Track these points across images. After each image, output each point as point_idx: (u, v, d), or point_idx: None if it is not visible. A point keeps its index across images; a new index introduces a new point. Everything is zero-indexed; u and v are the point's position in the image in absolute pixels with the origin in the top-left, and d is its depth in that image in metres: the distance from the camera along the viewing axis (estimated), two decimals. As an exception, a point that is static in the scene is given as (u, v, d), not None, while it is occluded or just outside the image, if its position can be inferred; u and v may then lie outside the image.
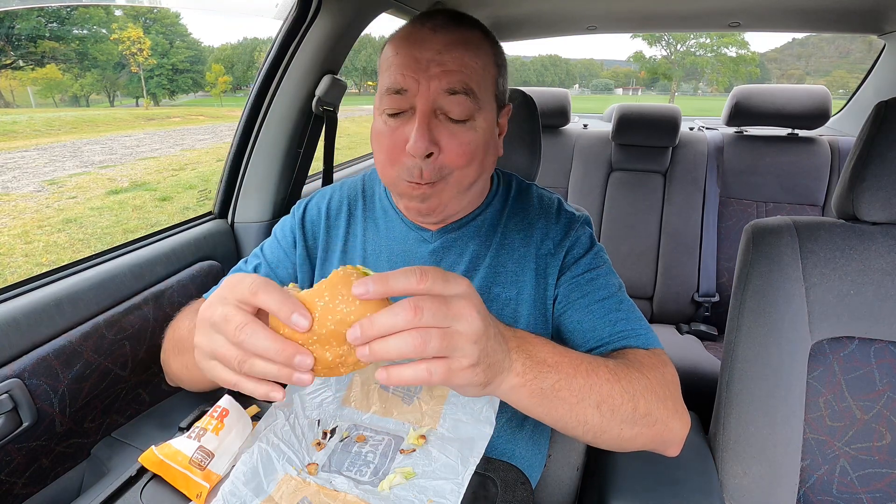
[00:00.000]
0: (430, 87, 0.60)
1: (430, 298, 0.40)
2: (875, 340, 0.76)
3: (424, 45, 0.61)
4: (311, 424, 0.60)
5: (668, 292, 1.87)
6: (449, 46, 0.61)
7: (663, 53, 52.01)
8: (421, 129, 0.59)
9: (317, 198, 0.83)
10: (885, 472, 0.75)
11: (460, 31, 0.62)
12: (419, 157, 0.60)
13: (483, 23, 0.67)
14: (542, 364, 0.50)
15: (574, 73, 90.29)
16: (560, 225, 0.74)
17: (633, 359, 0.60)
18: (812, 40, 77.89)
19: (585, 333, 0.68)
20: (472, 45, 0.62)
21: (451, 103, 0.61)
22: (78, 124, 16.64)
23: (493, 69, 0.65)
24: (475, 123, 0.63)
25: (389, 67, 0.62)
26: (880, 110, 0.76)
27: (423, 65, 0.60)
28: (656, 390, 0.57)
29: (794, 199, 1.81)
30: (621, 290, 0.71)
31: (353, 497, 0.51)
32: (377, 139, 0.66)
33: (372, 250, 0.77)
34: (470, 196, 0.70)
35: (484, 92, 0.63)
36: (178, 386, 0.74)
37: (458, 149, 0.62)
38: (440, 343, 0.40)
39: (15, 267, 5.40)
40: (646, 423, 0.56)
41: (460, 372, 0.42)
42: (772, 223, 0.83)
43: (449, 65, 0.60)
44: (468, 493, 0.52)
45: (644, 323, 0.68)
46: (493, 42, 0.67)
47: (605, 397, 0.53)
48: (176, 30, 41.33)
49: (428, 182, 0.63)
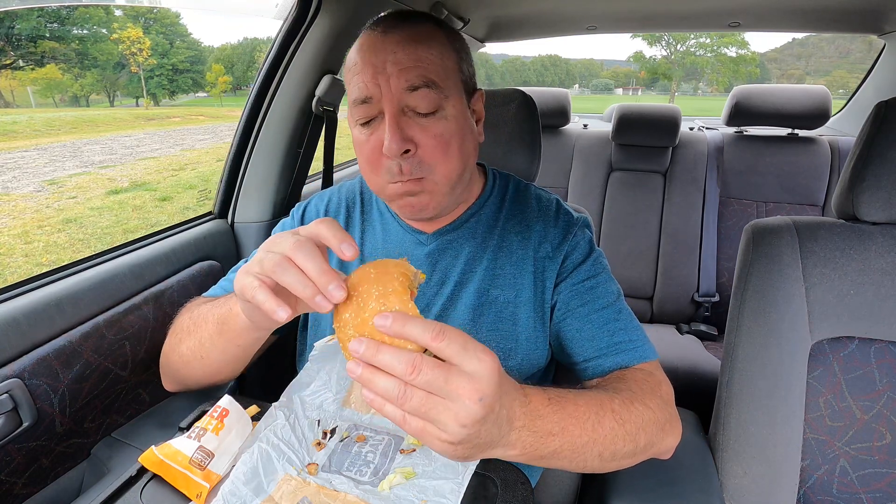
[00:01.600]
0: (391, 88, 0.60)
1: (434, 365, 0.40)
2: (875, 340, 0.76)
3: (377, 49, 0.61)
4: (311, 424, 0.60)
5: (668, 292, 1.87)
6: (401, 44, 0.61)
7: (663, 53, 52.06)
8: (392, 129, 0.60)
9: (315, 200, 0.84)
10: (885, 472, 0.75)
11: (409, 27, 0.63)
12: (395, 157, 0.61)
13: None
14: (548, 436, 0.49)
15: (574, 73, 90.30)
16: (558, 228, 0.74)
17: (636, 387, 0.61)
18: (812, 40, 77.90)
19: (584, 343, 0.69)
20: (424, 38, 0.62)
21: (415, 99, 0.61)
22: (78, 124, 16.64)
23: (451, 56, 0.65)
24: (444, 113, 0.63)
25: (352, 80, 0.63)
26: (880, 110, 0.76)
27: (380, 68, 0.61)
28: (657, 419, 0.59)
29: (794, 199, 1.81)
30: (620, 298, 0.72)
31: (353, 497, 0.51)
32: (357, 150, 0.67)
33: (369, 253, 0.77)
34: (461, 187, 0.70)
35: (446, 80, 0.63)
36: (176, 388, 0.74)
37: (433, 140, 0.62)
38: (420, 407, 0.40)
39: (15, 267, 5.40)
40: (644, 453, 0.59)
41: (436, 441, 0.42)
42: (772, 223, 0.83)
43: (404, 62, 0.60)
44: (468, 493, 0.52)
45: (641, 332, 0.70)
46: (447, 31, 0.67)
47: (607, 446, 0.54)
48: (176, 30, 41.35)
49: (411, 178, 0.63)
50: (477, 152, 0.71)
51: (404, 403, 0.40)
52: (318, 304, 0.43)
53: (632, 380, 0.63)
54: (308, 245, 0.45)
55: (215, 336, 0.62)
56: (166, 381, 0.75)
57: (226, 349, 0.63)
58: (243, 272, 0.49)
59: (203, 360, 0.66)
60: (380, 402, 0.41)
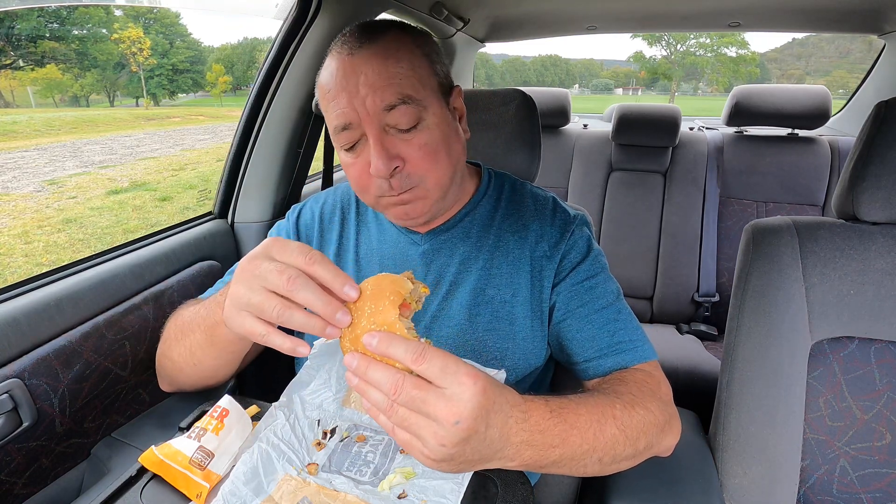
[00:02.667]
0: (368, 111, 0.60)
1: (414, 385, 0.42)
2: (875, 340, 0.76)
3: (347, 72, 0.60)
4: (311, 424, 0.60)
5: (668, 292, 1.87)
6: (370, 63, 0.60)
7: (663, 53, 52.05)
8: (377, 151, 0.60)
9: (311, 202, 0.84)
10: (885, 472, 0.75)
11: (375, 42, 0.61)
12: (384, 177, 0.61)
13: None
14: (549, 448, 0.50)
15: (574, 73, 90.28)
16: (555, 227, 0.74)
17: (636, 389, 0.61)
18: (812, 40, 77.89)
19: (584, 343, 0.69)
20: (391, 52, 0.61)
21: (395, 117, 0.60)
22: (78, 124, 16.64)
23: (422, 63, 0.63)
24: (426, 123, 0.62)
25: (328, 106, 0.63)
26: (880, 110, 0.76)
27: (353, 92, 0.60)
28: (658, 421, 0.60)
29: (794, 199, 1.81)
30: (619, 298, 0.72)
31: (353, 497, 0.51)
32: (346, 171, 0.67)
33: (364, 254, 0.77)
34: (453, 190, 0.70)
35: (422, 90, 0.62)
36: (172, 389, 0.74)
37: (419, 153, 0.62)
38: (403, 422, 0.43)
39: (15, 267, 5.40)
40: (644, 454, 0.60)
41: (420, 455, 0.44)
42: (772, 223, 0.83)
43: (377, 82, 0.59)
44: (468, 493, 0.52)
45: (641, 331, 0.70)
46: (414, 35, 0.65)
47: (608, 451, 0.54)
48: (176, 30, 41.33)
49: (402, 192, 0.63)
50: (465, 151, 0.71)
51: (391, 417, 0.43)
52: (329, 335, 0.46)
53: (632, 381, 0.63)
54: (302, 279, 0.45)
55: (206, 346, 0.62)
56: (163, 383, 0.75)
57: (219, 356, 0.63)
58: (238, 308, 0.48)
59: (196, 366, 0.66)
60: (374, 411, 0.45)
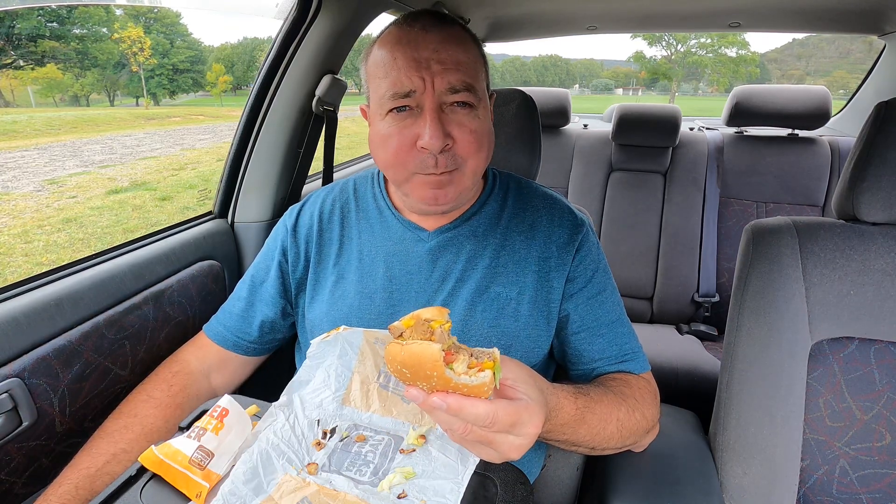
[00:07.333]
0: (434, 86, 0.62)
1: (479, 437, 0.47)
2: (875, 341, 0.76)
3: (420, 45, 0.62)
4: (310, 424, 0.60)
5: (668, 292, 1.87)
6: (444, 44, 0.63)
7: (663, 53, 52.02)
8: (434, 124, 0.62)
9: (309, 203, 0.84)
10: (884, 472, 0.75)
11: (448, 29, 0.65)
12: (435, 151, 0.62)
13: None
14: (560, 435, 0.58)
15: (574, 73, 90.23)
16: (564, 228, 0.75)
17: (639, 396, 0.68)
18: (812, 40, 77.88)
19: (593, 353, 0.73)
20: (463, 42, 0.65)
21: (455, 99, 0.63)
22: (78, 124, 16.64)
23: (481, 62, 0.68)
24: (477, 113, 0.65)
25: (390, 72, 0.63)
26: (880, 110, 0.76)
27: (423, 64, 0.62)
28: (647, 427, 0.69)
29: (794, 199, 1.81)
30: (622, 308, 0.77)
31: (353, 497, 0.51)
32: (381, 142, 0.66)
33: (368, 252, 0.77)
34: (474, 185, 0.72)
35: (480, 83, 0.66)
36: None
37: (469, 136, 0.65)
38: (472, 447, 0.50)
39: (15, 266, 5.40)
40: (625, 448, 0.69)
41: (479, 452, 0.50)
42: (772, 223, 0.83)
43: (447, 62, 0.62)
44: (468, 493, 0.52)
45: (638, 342, 0.77)
46: (474, 37, 0.70)
47: (600, 443, 0.62)
48: (176, 29, 41.31)
49: (445, 171, 0.65)
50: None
51: (465, 436, 0.47)
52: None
53: (636, 387, 0.69)
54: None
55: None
56: None
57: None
58: None
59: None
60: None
